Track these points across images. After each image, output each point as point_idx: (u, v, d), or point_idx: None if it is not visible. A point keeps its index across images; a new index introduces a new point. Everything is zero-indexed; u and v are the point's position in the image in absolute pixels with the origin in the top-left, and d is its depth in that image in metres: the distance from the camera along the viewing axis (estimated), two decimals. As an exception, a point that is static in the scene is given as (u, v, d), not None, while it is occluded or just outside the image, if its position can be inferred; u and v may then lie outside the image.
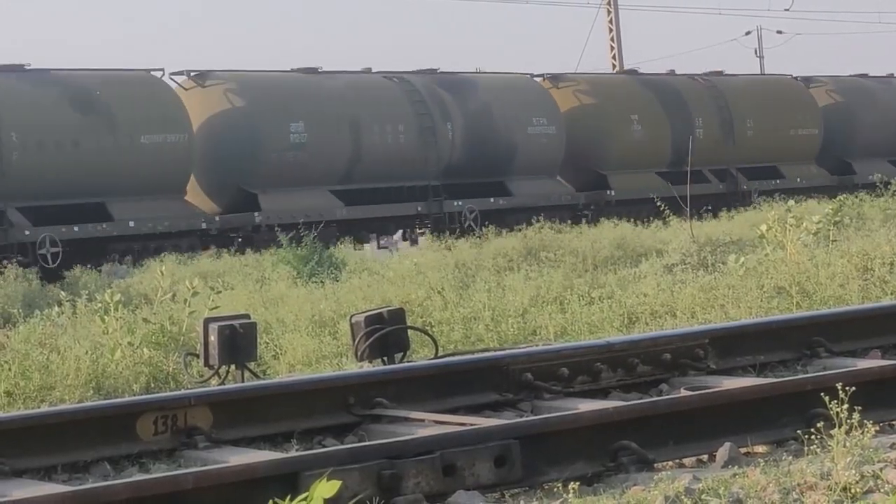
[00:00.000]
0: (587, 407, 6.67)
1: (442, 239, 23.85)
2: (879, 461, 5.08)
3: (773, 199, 27.67)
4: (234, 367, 8.90)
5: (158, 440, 6.58)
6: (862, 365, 7.51)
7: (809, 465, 5.08)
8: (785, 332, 8.43)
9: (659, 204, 20.83)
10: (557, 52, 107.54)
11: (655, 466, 5.71)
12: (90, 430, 6.45)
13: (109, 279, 20.81)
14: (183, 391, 8.02)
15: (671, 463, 5.88)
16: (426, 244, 27.06)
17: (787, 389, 6.35)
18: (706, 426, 5.99)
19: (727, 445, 5.78)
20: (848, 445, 5.08)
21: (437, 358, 8.81)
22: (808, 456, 5.35)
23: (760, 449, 6.03)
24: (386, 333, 9.00)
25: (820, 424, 5.44)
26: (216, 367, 8.82)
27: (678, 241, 17.18)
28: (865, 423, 5.19)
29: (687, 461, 5.95)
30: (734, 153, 39.04)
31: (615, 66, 45.17)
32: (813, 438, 5.46)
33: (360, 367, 8.92)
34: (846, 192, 26.38)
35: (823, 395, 5.50)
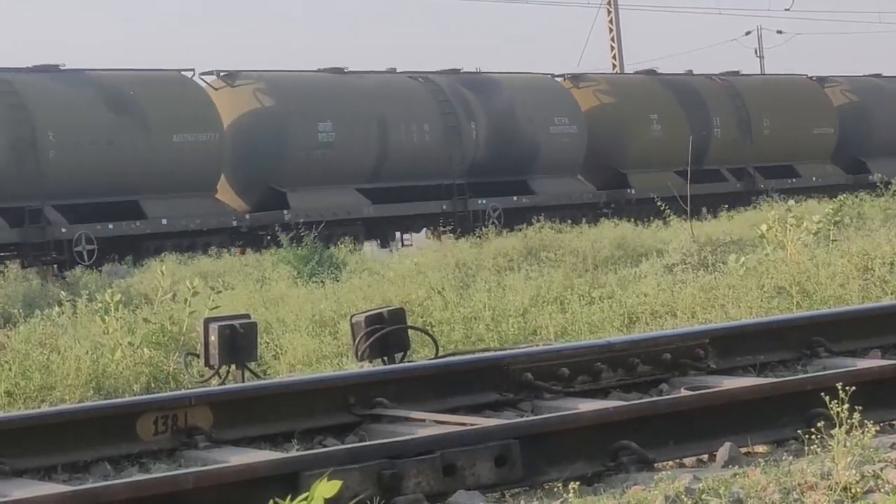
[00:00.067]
0: (587, 407, 6.67)
1: (468, 236, 23.93)
2: (880, 461, 5.07)
3: (789, 197, 27.72)
4: (234, 366, 8.90)
5: (159, 440, 6.58)
6: (862, 365, 7.51)
7: (810, 464, 5.07)
8: (785, 331, 8.43)
9: (659, 204, 20.84)
10: (557, 52, 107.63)
11: (656, 466, 5.71)
12: (90, 430, 6.45)
13: (110, 279, 20.81)
14: (183, 391, 8.01)
15: (671, 463, 5.88)
16: (425, 243, 27.09)
17: (787, 389, 6.34)
18: (706, 426, 5.99)
19: (727, 445, 5.78)
20: (848, 445, 5.07)
21: (437, 358, 8.80)
22: (808, 456, 5.35)
23: (761, 449, 6.03)
24: (386, 333, 9.00)
25: (820, 424, 5.44)
26: (216, 366, 8.82)
27: (678, 240, 17.17)
28: (866, 422, 5.19)
29: (687, 461, 5.95)
30: (751, 152, 39.32)
31: (615, 65, 45.16)
32: (813, 438, 5.45)
33: (360, 366, 8.91)
34: (861, 190, 26.43)
35: (824, 394, 5.49)
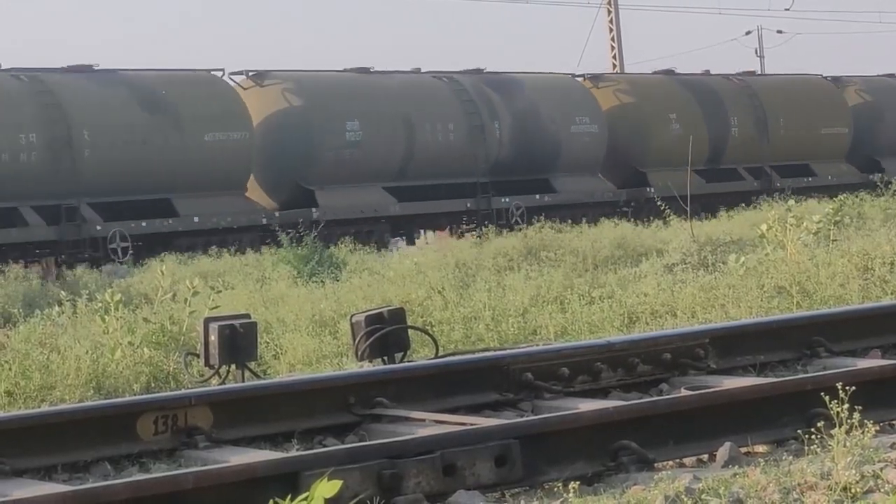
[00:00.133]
0: (587, 407, 6.67)
1: (495, 233, 23.93)
2: (880, 461, 5.07)
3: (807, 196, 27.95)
4: (234, 366, 8.89)
5: (159, 440, 6.58)
6: (862, 365, 7.51)
7: (810, 464, 5.07)
8: (785, 331, 8.43)
9: (660, 204, 20.86)
10: (557, 52, 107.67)
11: (656, 466, 5.71)
12: (90, 429, 6.45)
13: (110, 279, 20.81)
14: (183, 391, 8.01)
15: (671, 462, 5.88)
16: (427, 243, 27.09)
17: (787, 389, 6.34)
18: (706, 426, 5.99)
19: (727, 445, 5.78)
20: (848, 445, 5.07)
21: (437, 358, 8.80)
22: (808, 456, 5.35)
23: (761, 449, 6.03)
24: (386, 333, 9.00)
25: (820, 424, 5.44)
26: (216, 366, 8.82)
27: (678, 240, 17.18)
28: (866, 422, 5.19)
29: (687, 461, 5.95)
30: (768, 151, 39.62)
31: (615, 65, 45.15)
32: (813, 438, 5.45)
33: (360, 366, 8.91)
34: (875, 189, 26.56)
35: (823, 394, 5.49)
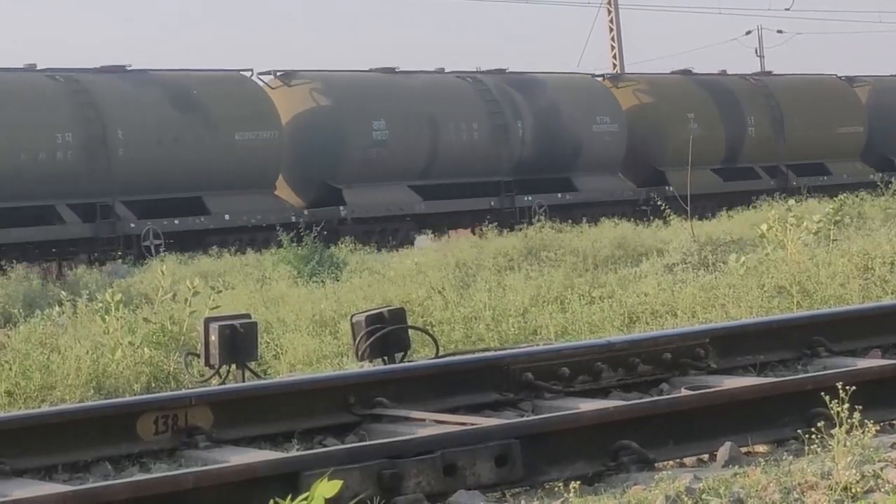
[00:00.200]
0: (588, 406, 6.67)
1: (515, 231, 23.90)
2: (880, 461, 5.07)
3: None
4: (234, 366, 8.89)
5: (159, 440, 6.57)
6: (862, 364, 7.51)
7: (810, 464, 5.07)
8: (785, 331, 8.42)
9: (660, 203, 20.89)
10: (557, 51, 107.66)
11: (656, 466, 5.71)
12: (90, 429, 6.44)
13: (110, 278, 20.81)
14: (183, 391, 8.01)
15: (672, 462, 5.88)
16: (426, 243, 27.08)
17: (787, 389, 6.34)
18: (707, 426, 5.99)
19: (728, 445, 5.78)
20: (848, 445, 5.07)
21: (437, 357, 8.80)
22: (808, 455, 5.35)
23: (761, 448, 6.02)
24: (386, 333, 8.99)
25: (820, 424, 5.43)
26: (217, 366, 8.81)
27: (679, 240, 17.18)
28: (866, 422, 5.18)
29: (687, 461, 5.95)
30: (784, 150, 40.07)
31: (615, 65, 45.12)
32: (813, 438, 5.45)
33: (360, 366, 8.91)
34: (890, 188, 26.69)
35: (824, 394, 5.49)
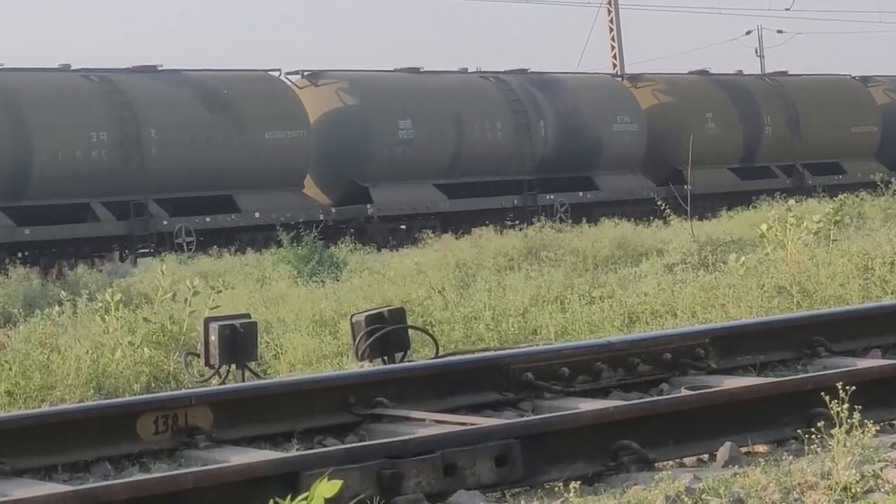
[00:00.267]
0: (588, 406, 6.66)
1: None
2: (880, 461, 5.07)
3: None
4: (234, 366, 8.89)
5: (159, 440, 6.57)
6: (862, 364, 7.51)
7: (810, 464, 5.07)
8: (785, 331, 8.42)
9: (660, 203, 20.90)
10: (557, 51, 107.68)
11: (656, 466, 5.71)
12: (90, 429, 6.44)
13: (110, 278, 20.81)
14: (183, 391, 8.01)
15: (672, 462, 5.87)
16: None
17: (787, 389, 6.34)
18: (707, 426, 5.99)
19: (727, 445, 5.77)
20: (848, 445, 5.07)
21: (437, 357, 8.80)
22: (808, 455, 5.35)
23: (761, 448, 6.02)
24: (386, 333, 8.99)
25: (820, 424, 5.43)
26: (217, 366, 8.81)
27: (679, 240, 17.18)
28: (866, 422, 5.18)
29: (687, 461, 5.94)
30: (800, 149, 40.50)
31: (615, 65, 45.10)
32: (813, 438, 5.45)
33: (360, 366, 8.91)
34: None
35: (824, 394, 5.49)
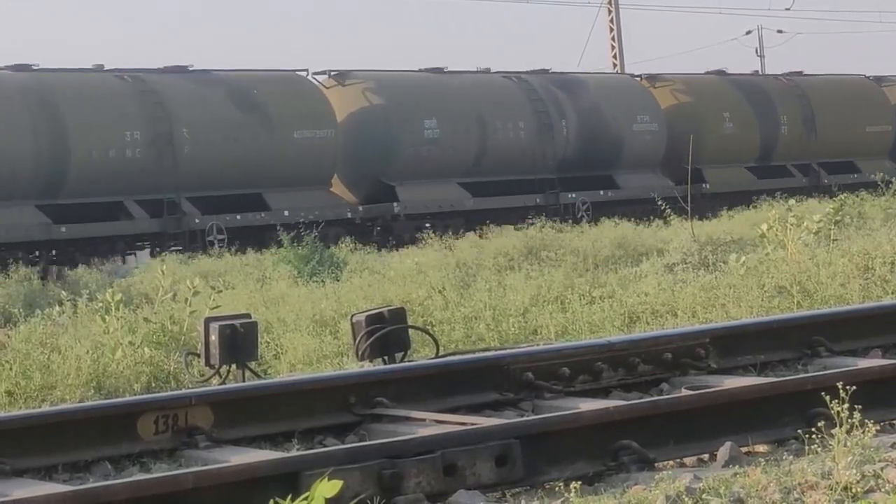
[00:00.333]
0: (588, 406, 6.66)
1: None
2: (880, 460, 5.07)
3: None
4: (234, 366, 8.89)
5: (159, 440, 6.57)
6: (862, 364, 7.51)
7: (810, 464, 5.07)
8: (785, 331, 8.42)
9: (660, 203, 20.92)
10: (558, 51, 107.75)
11: (656, 466, 5.71)
12: (91, 429, 6.44)
13: (110, 278, 20.81)
14: (184, 391, 8.01)
15: (672, 462, 5.87)
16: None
17: (787, 389, 6.34)
18: (707, 425, 5.99)
19: (728, 445, 5.77)
20: (849, 445, 5.07)
21: (437, 357, 8.80)
22: (808, 455, 5.34)
23: (761, 448, 6.02)
24: (387, 333, 8.99)
25: (821, 424, 5.43)
26: (217, 366, 8.82)
27: (679, 240, 17.18)
28: (866, 422, 5.18)
29: (688, 460, 5.94)
30: (815, 149, 40.93)
31: (615, 65, 45.11)
32: (814, 438, 5.44)
33: (360, 366, 8.91)
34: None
35: (824, 394, 5.49)
